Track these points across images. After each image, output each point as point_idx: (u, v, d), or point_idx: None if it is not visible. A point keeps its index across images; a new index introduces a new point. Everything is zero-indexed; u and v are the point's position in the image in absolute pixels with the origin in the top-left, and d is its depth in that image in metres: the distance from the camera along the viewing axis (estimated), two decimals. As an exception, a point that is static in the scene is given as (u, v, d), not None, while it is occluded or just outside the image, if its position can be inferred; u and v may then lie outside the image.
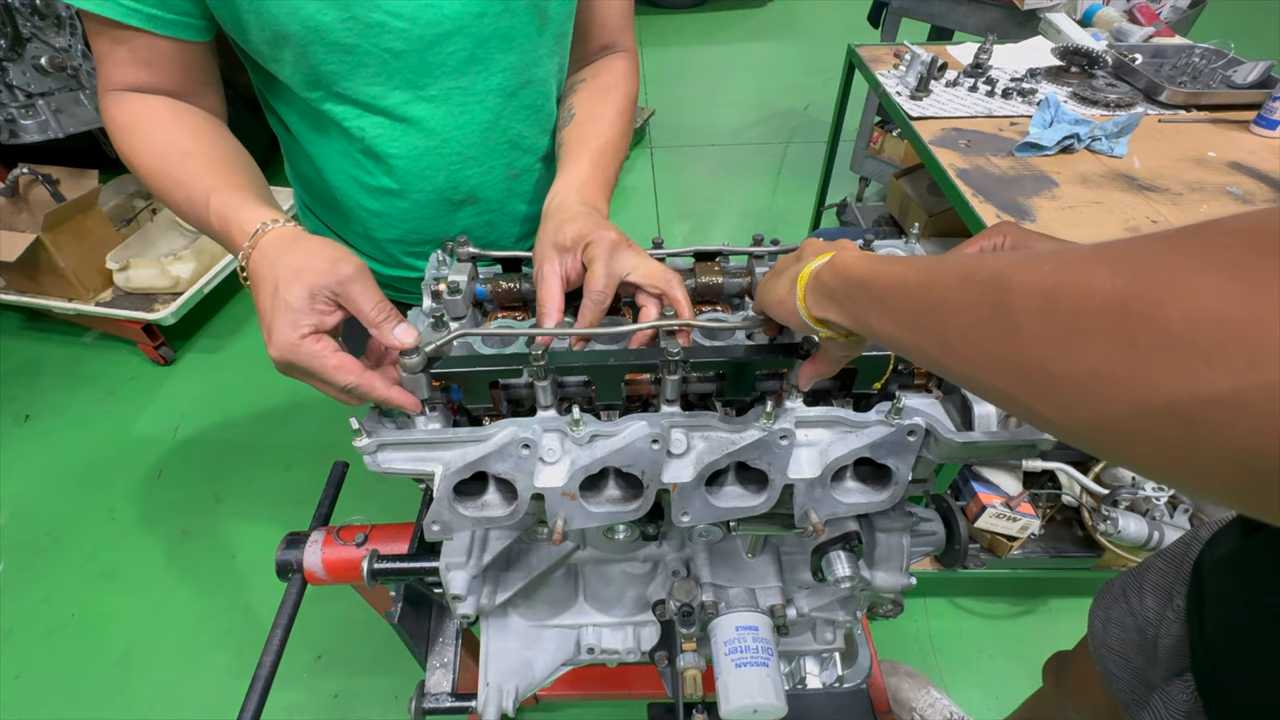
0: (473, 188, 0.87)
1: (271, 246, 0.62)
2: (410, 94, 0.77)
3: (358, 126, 0.79)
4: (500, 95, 0.81)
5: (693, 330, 0.68)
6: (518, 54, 0.80)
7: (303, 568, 0.78)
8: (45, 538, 2.03)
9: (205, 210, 0.68)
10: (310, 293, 0.58)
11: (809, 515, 0.63)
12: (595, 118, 0.85)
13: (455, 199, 0.87)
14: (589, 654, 0.85)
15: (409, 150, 0.81)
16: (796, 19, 5.56)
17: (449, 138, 0.81)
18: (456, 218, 0.89)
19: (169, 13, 0.69)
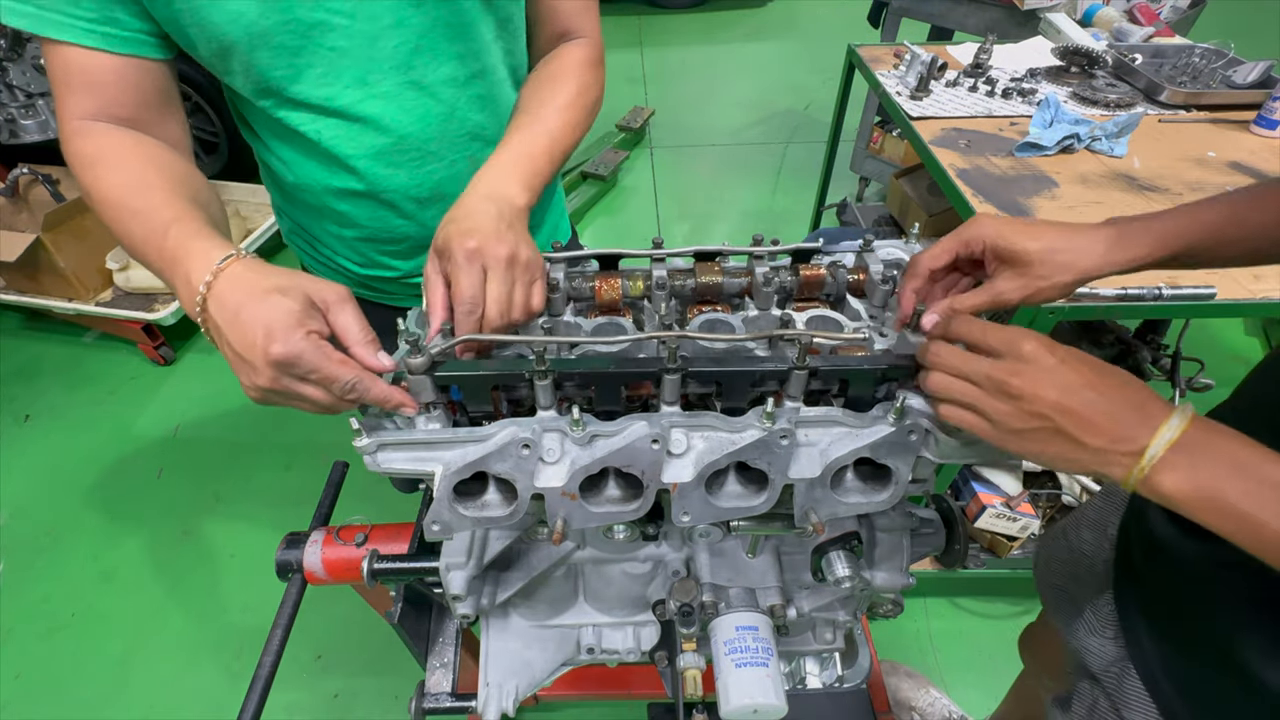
0: (437, 183, 0.87)
1: (248, 269, 0.61)
2: (361, 92, 0.77)
3: (314, 130, 0.79)
4: (452, 86, 0.81)
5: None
6: (463, 42, 0.79)
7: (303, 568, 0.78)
8: (45, 538, 2.03)
9: (162, 239, 0.66)
10: (309, 300, 0.59)
11: (809, 515, 0.63)
12: (538, 107, 0.83)
13: (421, 196, 0.87)
14: (589, 654, 0.85)
15: (368, 150, 0.81)
16: (796, 19, 5.56)
17: (406, 134, 0.81)
18: (426, 215, 0.89)
19: (123, 30, 0.69)
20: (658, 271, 0.75)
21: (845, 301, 0.78)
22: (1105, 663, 0.75)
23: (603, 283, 0.76)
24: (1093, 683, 0.76)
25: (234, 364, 0.59)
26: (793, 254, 0.79)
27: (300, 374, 0.58)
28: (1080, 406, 0.49)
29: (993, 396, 0.51)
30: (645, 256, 0.78)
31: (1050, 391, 0.49)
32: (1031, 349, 0.51)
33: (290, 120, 0.78)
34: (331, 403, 0.60)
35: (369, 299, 1.01)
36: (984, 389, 0.52)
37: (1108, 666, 0.74)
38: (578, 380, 0.63)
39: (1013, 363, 0.51)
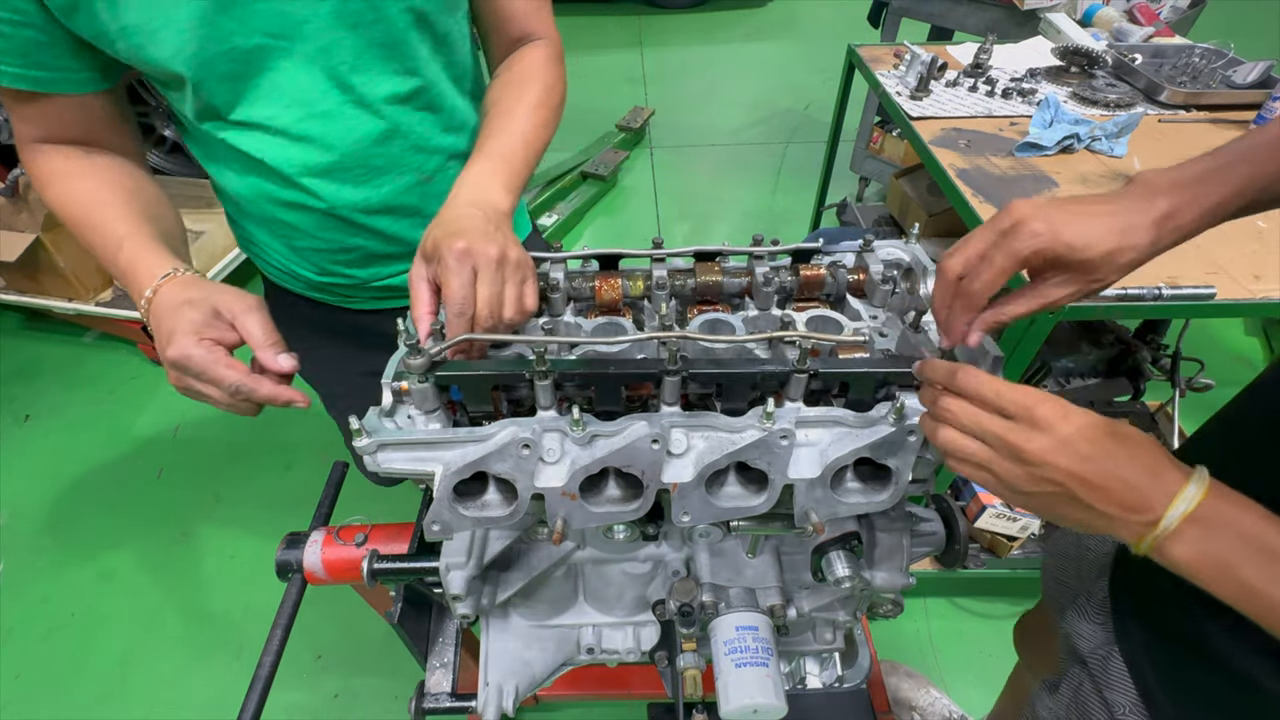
0: (384, 197, 0.87)
1: (182, 283, 0.71)
2: (302, 111, 0.78)
3: (257, 149, 0.79)
4: (393, 102, 0.81)
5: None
6: (400, 60, 0.80)
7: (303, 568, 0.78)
8: (45, 538, 2.03)
9: (116, 254, 0.75)
10: (215, 311, 0.68)
11: (809, 515, 0.63)
12: (507, 111, 0.84)
13: (371, 209, 0.87)
14: (589, 654, 0.85)
15: (313, 168, 0.81)
16: (796, 19, 5.56)
17: (349, 151, 0.81)
18: (377, 225, 0.89)
19: (53, 72, 0.71)
20: (658, 271, 0.75)
21: (845, 302, 0.78)
22: (1093, 646, 0.76)
23: (603, 283, 0.76)
24: (1081, 666, 0.77)
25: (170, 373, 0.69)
26: (793, 254, 0.79)
27: (194, 374, 0.67)
28: (1095, 476, 0.47)
29: (1004, 458, 0.50)
30: (645, 256, 0.78)
31: (1065, 460, 0.48)
32: (1046, 414, 0.49)
33: (233, 140, 0.79)
34: (230, 402, 0.69)
35: (329, 302, 1.02)
36: (995, 450, 0.51)
37: (1095, 649, 0.76)
38: (578, 380, 0.63)
39: (1027, 429, 0.49)
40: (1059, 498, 0.49)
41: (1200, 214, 0.55)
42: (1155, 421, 1.72)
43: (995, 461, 0.51)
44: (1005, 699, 1.39)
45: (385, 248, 0.93)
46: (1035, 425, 0.49)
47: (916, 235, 0.78)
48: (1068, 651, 0.82)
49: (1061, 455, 0.48)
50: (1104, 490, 0.48)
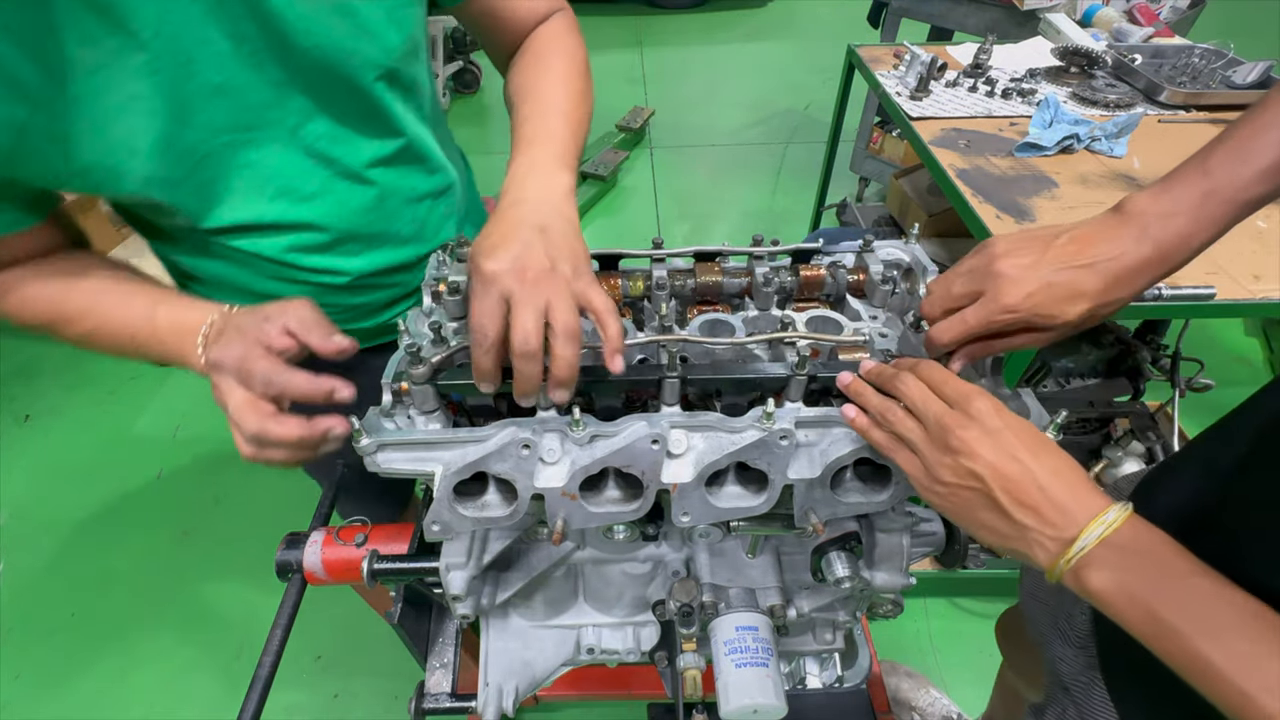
0: (386, 260, 0.85)
1: (236, 315, 0.66)
2: (288, 200, 0.74)
3: (249, 245, 0.76)
4: (376, 165, 0.78)
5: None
6: (379, 121, 0.76)
7: (302, 568, 0.78)
8: (45, 538, 2.03)
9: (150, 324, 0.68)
10: (265, 315, 0.64)
11: (809, 516, 0.63)
12: (534, 90, 0.77)
13: (375, 271, 0.85)
14: (589, 654, 0.85)
15: (309, 247, 0.78)
16: (796, 19, 5.56)
17: (345, 226, 0.79)
18: (381, 282, 0.87)
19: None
20: (658, 272, 0.75)
21: (845, 302, 0.78)
22: (1075, 671, 0.75)
23: (603, 283, 0.76)
24: (1064, 693, 0.77)
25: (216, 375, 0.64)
26: (793, 254, 0.79)
27: (230, 372, 0.62)
28: (1015, 474, 0.48)
29: (933, 441, 0.51)
30: (645, 257, 0.78)
31: (991, 453, 0.48)
32: (982, 407, 0.50)
33: (219, 241, 0.75)
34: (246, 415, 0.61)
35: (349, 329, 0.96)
36: (929, 432, 0.51)
37: (1077, 676, 0.75)
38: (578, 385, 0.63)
39: (962, 416, 0.50)
40: (976, 496, 0.49)
41: (1190, 253, 0.57)
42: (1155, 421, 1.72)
43: (925, 443, 0.51)
44: (996, 701, 1.40)
45: (390, 295, 0.91)
46: (970, 414, 0.50)
47: (916, 235, 0.78)
48: (1052, 677, 0.81)
49: (988, 447, 0.48)
50: (1023, 494, 0.47)
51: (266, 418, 0.60)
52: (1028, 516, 0.47)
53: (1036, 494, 0.47)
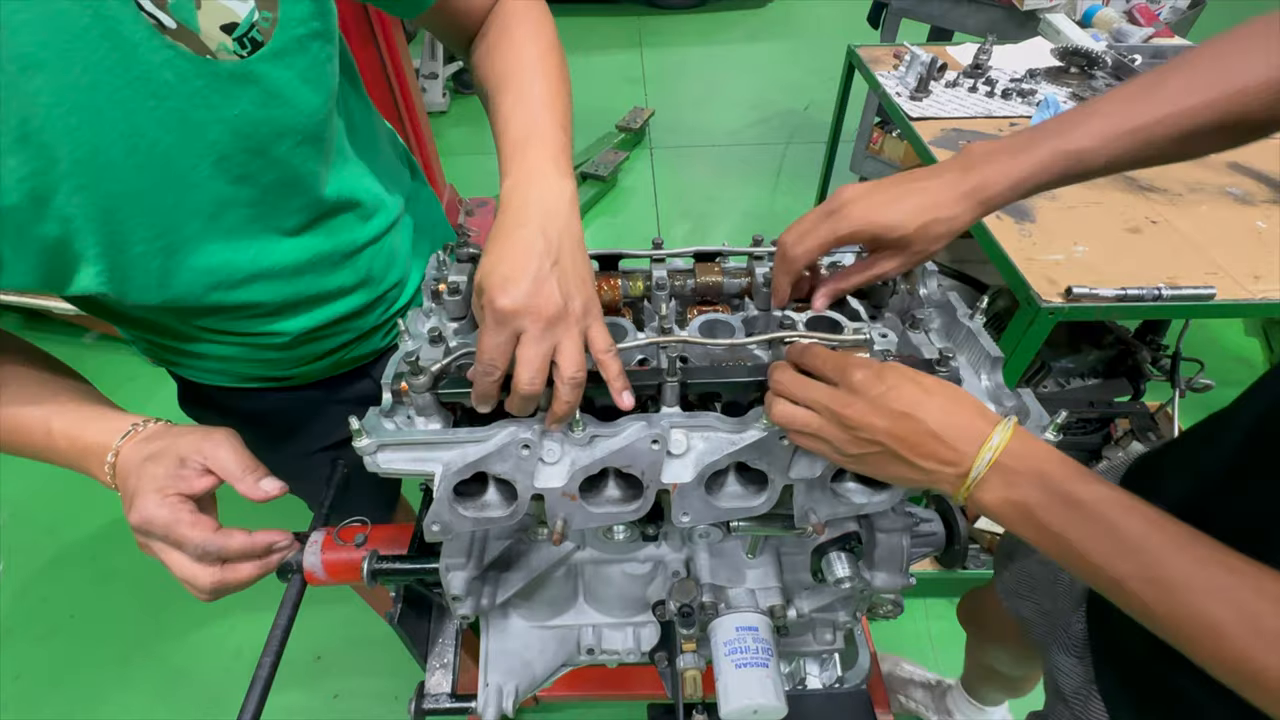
0: (335, 312, 0.81)
1: (145, 437, 0.65)
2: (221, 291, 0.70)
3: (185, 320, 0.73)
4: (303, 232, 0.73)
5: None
6: (302, 191, 0.70)
7: (302, 568, 0.78)
8: (45, 538, 2.03)
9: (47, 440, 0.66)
10: (180, 459, 0.63)
11: (809, 516, 0.63)
12: (509, 79, 0.70)
13: (319, 326, 0.80)
14: (589, 655, 0.85)
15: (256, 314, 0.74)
16: (796, 19, 5.56)
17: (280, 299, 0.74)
18: (337, 331, 0.84)
19: None
20: (658, 272, 0.75)
21: (845, 302, 0.78)
22: (1075, 685, 0.76)
23: (603, 283, 0.76)
24: (1064, 704, 0.77)
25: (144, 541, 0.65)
26: (793, 254, 0.79)
27: (159, 538, 0.63)
28: (907, 433, 0.50)
29: (830, 423, 0.53)
30: (645, 257, 0.78)
31: (879, 420, 0.51)
32: (860, 379, 0.52)
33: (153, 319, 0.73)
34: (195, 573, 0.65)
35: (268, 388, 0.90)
36: (823, 417, 0.53)
37: (1077, 690, 0.76)
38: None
39: (845, 393, 0.52)
40: (883, 456, 0.52)
41: (1009, 185, 0.61)
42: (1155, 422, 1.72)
43: (824, 428, 0.53)
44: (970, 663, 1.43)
45: (342, 339, 0.87)
46: (853, 390, 0.52)
47: (916, 236, 0.78)
48: (1052, 689, 0.82)
49: (877, 415, 0.51)
50: (918, 445, 0.50)
51: (216, 573, 0.64)
52: (929, 462, 0.51)
53: (931, 441, 0.50)
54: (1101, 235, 1.28)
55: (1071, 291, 1.13)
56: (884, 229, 0.62)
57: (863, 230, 0.62)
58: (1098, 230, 1.29)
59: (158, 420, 0.69)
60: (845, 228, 0.62)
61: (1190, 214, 1.33)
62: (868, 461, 0.53)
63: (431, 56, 4.01)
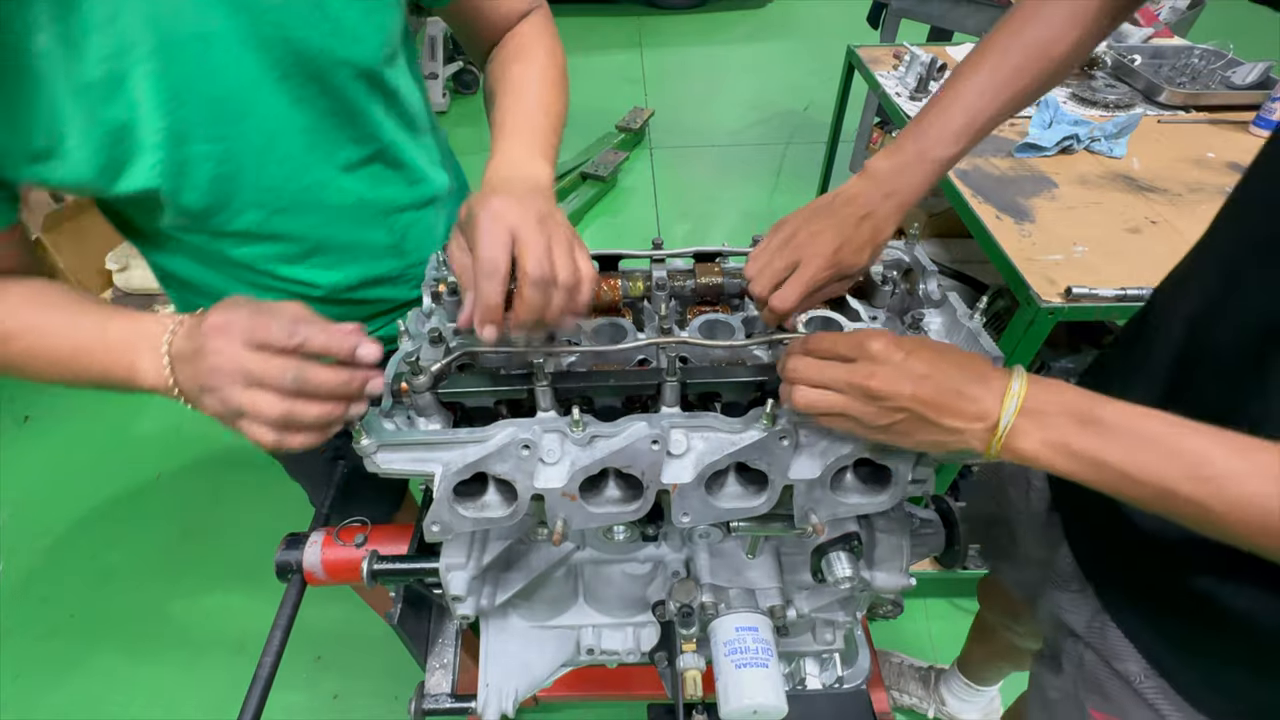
0: (362, 273, 0.84)
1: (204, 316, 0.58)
2: (264, 211, 0.73)
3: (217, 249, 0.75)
4: (353, 174, 0.77)
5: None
6: (354, 127, 0.75)
7: (302, 568, 0.78)
8: (45, 538, 2.03)
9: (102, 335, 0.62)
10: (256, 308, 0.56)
11: (809, 516, 0.63)
12: (517, 84, 0.79)
13: (349, 286, 0.84)
14: (589, 655, 0.85)
15: (279, 255, 0.77)
16: (796, 19, 5.56)
17: (323, 236, 0.78)
18: (359, 297, 0.86)
19: None
20: (657, 272, 0.75)
21: (845, 302, 0.78)
22: (1085, 620, 0.77)
23: (603, 283, 0.76)
24: (1075, 639, 0.79)
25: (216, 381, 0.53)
26: (792, 255, 0.79)
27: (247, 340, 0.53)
28: (933, 394, 0.51)
29: (856, 399, 0.53)
30: (645, 257, 0.78)
31: (905, 386, 0.51)
32: (880, 348, 0.53)
33: (192, 244, 0.74)
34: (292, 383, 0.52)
35: None
36: (846, 394, 0.54)
37: (1089, 623, 0.77)
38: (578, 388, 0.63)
39: (867, 365, 0.53)
40: (911, 422, 0.53)
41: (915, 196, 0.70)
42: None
43: (850, 405, 0.54)
44: (972, 644, 1.44)
45: (369, 310, 0.90)
46: (873, 360, 0.53)
47: (916, 235, 0.78)
48: (1055, 625, 0.83)
49: (901, 382, 0.52)
50: (945, 406, 0.51)
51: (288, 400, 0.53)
52: (956, 420, 0.52)
53: (955, 399, 0.51)
54: (1101, 235, 1.28)
55: (1071, 291, 1.13)
56: (851, 266, 0.68)
57: (838, 272, 0.68)
58: (1097, 230, 1.29)
59: None
60: (824, 273, 0.67)
61: (1190, 214, 1.33)
62: (896, 430, 0.54)
63: (431, 57, 4.01)
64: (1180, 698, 0.67)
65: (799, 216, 0.70)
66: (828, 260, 0.66)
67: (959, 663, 1.50)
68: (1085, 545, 0.79)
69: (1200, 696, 0.66)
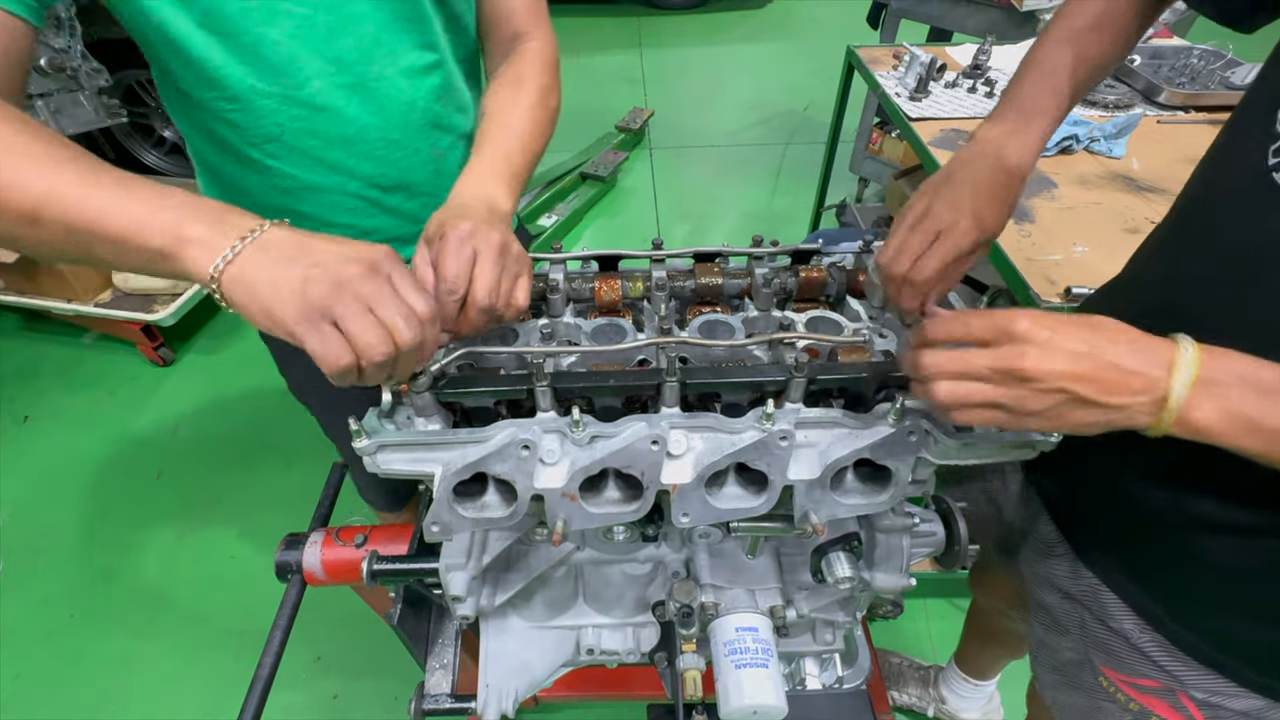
0: (400, 172, 0.87)
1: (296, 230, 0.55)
2: (325, 81, 0.77)
3: (275, 121, 0.78)
4: (411, 76, 0.82)
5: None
6: (419, 34, 0.80)
7: (302, 569, 0.78)
8: (45, 538, 2.03)
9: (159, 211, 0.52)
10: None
11: (809, 516, 0.63)
12: (503, 113, 0.83)
13: (385, 185, 0.87)
14: (589, 655, 0.85)
15: (332, 138, 0.81)
16: (796, 20, 5.56)
17: (369, 123, 0.81)
18: (391, 203, 0.89)
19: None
20: (657, 273, 0.75)
21: (845, 302, 0.78)
22: (1075, 581, 0.78)
23: (602, 284, 0.76)
24: (1072, 603, 0.79)
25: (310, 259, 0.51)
26: (792, 255, 0.80)
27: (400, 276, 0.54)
28: (1093, 370, 0.47)
29: (1005, 386, 0.49)
30: (645, 258, 0.78)
31: (1058, 363, 0.47)
32: (1026, 327, 0.49)
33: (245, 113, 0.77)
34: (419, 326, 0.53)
35: None
36: (993, 381, 0.50)
37: (1079, 586, 0.78)
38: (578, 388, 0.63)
39: (1013, 347, 0.49)
40: (1068, 405, 0.49)
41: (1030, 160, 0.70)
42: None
43: (999, 393, 0.50)
44: (968, 636, 1.44)
45: (399, 228, 0.92)
46: (1020, 340, 0.49)
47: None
48: (1050, 588, 0.83)
49: (1054, 359, 0.48)
50: (1104, 381, 0.48)
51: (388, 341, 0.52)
52: (1119, 397, 0.48)
53: (1115, 374, 0.48)
54: (1100, 235, 1.28)
55: (1071, 291, 1.13)
56: (991, 234, 0.68)
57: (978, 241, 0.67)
58: (1097, 230, 1.29)
59: None
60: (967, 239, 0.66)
61: (1189, 214, 1.33)
62: (1050, 415, 0.50)
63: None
64: (1176, 649, 0.68)
65: (925, 194, 0.69)
66: (971, 224, 0.65)
67: (956, 657, 1.50)
68: (1062, 508, 0.81)
69: (1193, 644, 0.67)
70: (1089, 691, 0.79)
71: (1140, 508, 0.68)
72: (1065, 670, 0.83)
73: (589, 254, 0.79)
